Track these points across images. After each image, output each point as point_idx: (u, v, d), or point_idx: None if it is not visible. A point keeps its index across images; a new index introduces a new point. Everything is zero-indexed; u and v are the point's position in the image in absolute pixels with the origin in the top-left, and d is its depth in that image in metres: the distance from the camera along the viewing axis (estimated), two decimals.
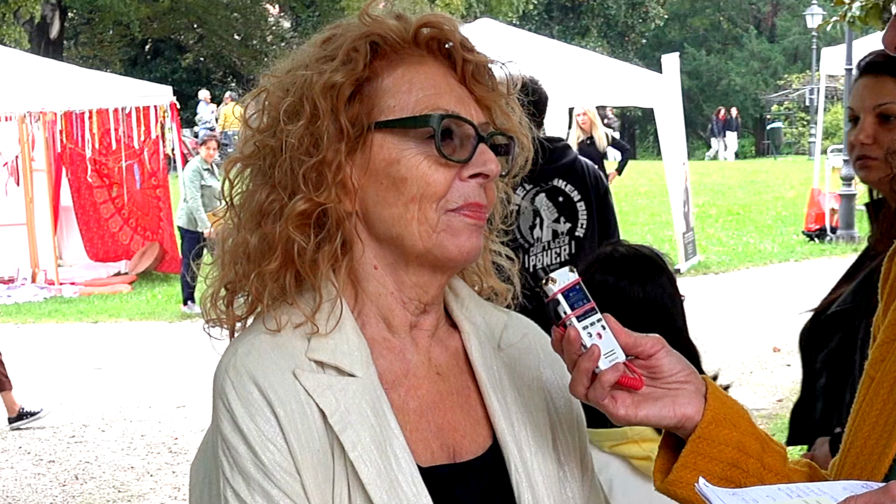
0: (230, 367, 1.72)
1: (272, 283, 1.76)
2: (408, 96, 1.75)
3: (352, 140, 1.74)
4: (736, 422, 1.73)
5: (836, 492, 1.48)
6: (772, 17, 58.20)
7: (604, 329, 1.67)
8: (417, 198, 1.72)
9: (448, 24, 1.80)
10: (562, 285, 1.67)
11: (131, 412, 10.43)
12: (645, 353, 1.70)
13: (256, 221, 1.77)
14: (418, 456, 1.73)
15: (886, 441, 1.64)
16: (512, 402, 1.84)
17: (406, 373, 1.80)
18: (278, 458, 1.67)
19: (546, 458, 1.84)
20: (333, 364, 1.72)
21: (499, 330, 1.91)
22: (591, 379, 1.66)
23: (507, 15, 36.73)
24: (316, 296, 1.75)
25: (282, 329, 1.74)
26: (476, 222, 1.76)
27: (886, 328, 1.74)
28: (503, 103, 1.84)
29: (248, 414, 1.68)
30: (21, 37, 31.79)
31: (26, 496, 8.46)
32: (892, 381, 1.67)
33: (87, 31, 44.83)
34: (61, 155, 17.57)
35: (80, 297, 16.70)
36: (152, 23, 42.99)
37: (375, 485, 1.66)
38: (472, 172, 1.75)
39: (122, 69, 40.00)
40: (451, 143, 1.74)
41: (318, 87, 1.72)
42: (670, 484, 1.72)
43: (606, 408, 1.68)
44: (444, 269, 1.79)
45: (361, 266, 1.79)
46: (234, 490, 1.68)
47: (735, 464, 1.69)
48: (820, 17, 33.87)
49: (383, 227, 1.76)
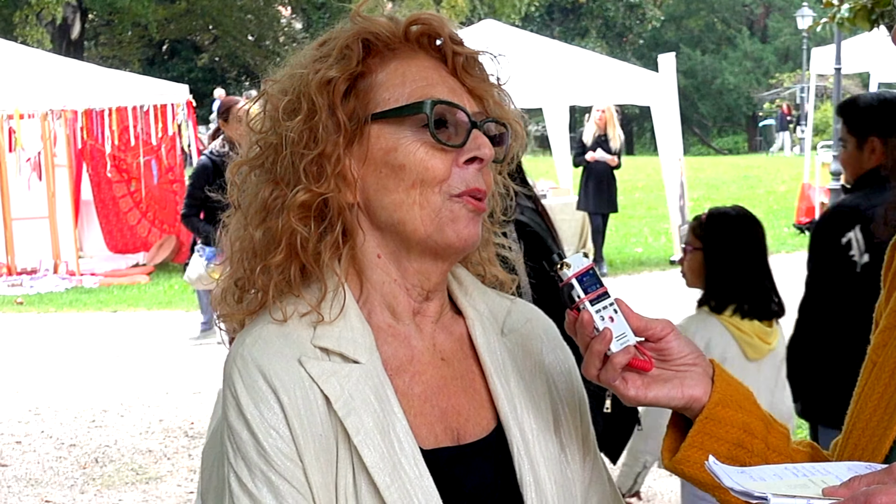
0: (237, 357, 1.72)
1: (277, 276, 1.76)
2: (401, 88, 1.75)
3: (349, 133, 1.75)
4: (742, 403, 1.73)
5: (841, 472, 1.47)
6: (764, 19, 58.16)
7: (615, 313, 1.67)
8: (418, 183, 1.72)
9: (437, 20, 1.81)
10: (576, 270, 1.67)
11: (149, 398, 10.43)
12: (655, 336, 1.70)
13: (261, 217, 1.76)
14: (422, 439, 1.73)
15: (887, 424, 1.63)
16: (515, 386, 1.83)
17: (411, 359, 1.80)
18: (280, 445, 1.66)
19: (548, 440, 1.83)
20: (338, 351, 1.72)
21: (502, 316, 1.90)
22: (602, 361, 1.66)
23: (509, 17, 36.66)
24: (321, 286, 1.75)
25: (288, 319, 1.73)
26: (476, 211, 1.76)
27: (889, 315, 1.74)
28: (495, 93, 1.85)
29: (253, 402, 1.68)
30: (43, 37, 31.80)
31: (48, 478, 8.46)
32: (893, 366, 1.67)
33: (106, 31, 44.84)
34: (82, 151, 17.59)
35: (99, 288, 16.71)
36: (169, 24, 42.99)
37: (378, 468, 1.66)
38: (468, 157, 1.75)
39: (140, 69, 40.04)
40: (445, 130, 1.74)
41: (315, 84, 1.73)
42: (678, 462, 1.72)
43: (617, 389, 1.68)
44: (445, 256, 1.79)
45: (365, 255, 1.78)
46: (238, 475, 1.68)
47: (740, 444, 1.69)
48: (810, 18, 33.82)
49: (385, 214, 1.75)
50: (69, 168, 17.56)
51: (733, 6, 57.38)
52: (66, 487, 8.24)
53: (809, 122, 24.53)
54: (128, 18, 39.31)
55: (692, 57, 52.88)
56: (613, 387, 1.68)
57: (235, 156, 1.86)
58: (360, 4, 1.82)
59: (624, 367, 1.66)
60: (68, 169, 17.55)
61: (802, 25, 37.59)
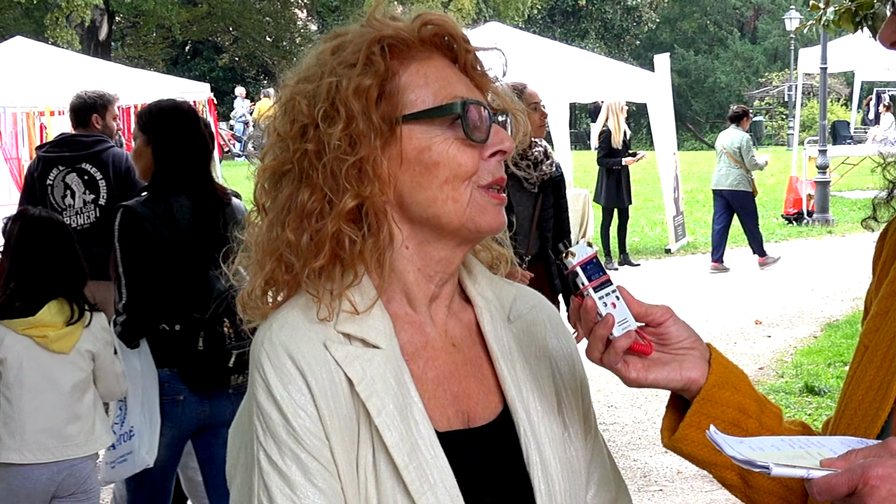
0: (266, 341, 1.72)
1: (323, 278, 1.74)
2: (426, 89, 1.76)
3: (384, 135, 1.74)
4: (737, 385, 1.74)
5: (835, 445, 1.47)
6: (754, 21, 58.01)
7: (618, 299, 1.67)
8: (451, 179, 1.73)
9: (448, 21, 1.82)
10: (580, 258, 1.68)
11: None
12: (655, 322, 1.71)
13: (297, 221, 1.74)
14: (435, 422, 1.73)
15: (879, 404, 1.63)
16: (521, 370, 1.84)
17: (425, 345, 1.80)
18: (308, 425, 1.66)
19: (552, 421, 1.84)
20: (360, 336, 1.72)
21: (508, 303, 1.91)
22: (605, 345, 1.67)
23: (513, 19, 36.60)
24: (351, 274, 1.74)
25: (332, 315, 1.73)
26: (500, 202, 1.78)
27: (879, 302, 1.74)
28: (497, 87, 1.87)
29: (282, 383, 1.67)
30: (73, 39, 31.79)
31: None
32: (885, 350, 1.67)
33: (132, 33, 44.81)
34: None
35: None
36: (192, 26, 42.97)
37: (398, 448, 1.66)
38: (493, 151, 1.76)
39: (164, 68, 40.05)
40: (471, 126, 1.74)
41: (350, 92, 1.72)
42: (676, 441, 1.73)
43: (619, 371, 1.68)
44: (470, 241, 1.81)
45: (394, 247, 1.78)
46: (267, 453, 1.67)
47: (736, 423, 1.70)
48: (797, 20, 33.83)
49: (418, 209, 1.76)
50: None
51: (725, 9, 57.22)
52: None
53: (797, 118, 24.52)
54: (152, 20, 39.27)
55: (686, 57, 52.73)
56: (616, 369, 1.68)
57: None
58: (374, 8, 1.81)
59: (625, 351, 1.67)
60: None
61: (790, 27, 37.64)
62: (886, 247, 1.81)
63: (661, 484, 7.40)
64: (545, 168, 7.01)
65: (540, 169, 6.99)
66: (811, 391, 9.29)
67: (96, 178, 7.68)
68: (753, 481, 1.76)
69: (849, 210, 21.67)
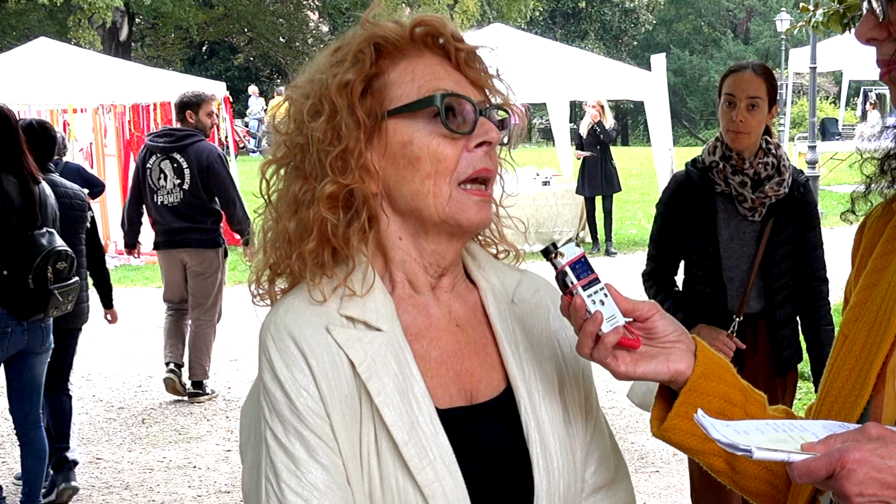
0: (272, 325, 1.74)
1: (311, 261, 1.77)
2: (412, 84, 1.76)
3: (368, 129, 1.76)
4: (722, 376, 1.74)
5: (817, 429, 1.48)
6: (746, 23, 57.86)
7: (605, 297, 1.68)
8: (432, 174, 1.73)
9: (438, 21, 1.81)
10: (569, 258, 1.69)
11: None
12: (642, 317, 1.71)
13: (293, 210, 1.78)
14: (438, 399, 1.74)
15: (859, 392, 1.63)
16: (524, 351, 1.85)
17: (429, 326, 1.81)
18: (310, 404, 1.68)
19: (552, 401, 1.84)
20: (362, 319, 1.73)
21: (512, 286, 1.92)
22: (595, 340, 1.67)
23: (516, 20, 36.51)
24: (350, 263, 1.76)
25: (326, 298, 1.75)
26: (482, 199, 1.77)
27: (858, 293, 1.74)
28: (495, 83, 1.86)
29: (286, 365, 1.70)
30: (94, 39, 31.82)
31: (99, 437, 8.50)
32: (863, 340, 1.66)
33: (151, 34, 44.79)
34: (129, 142, 17.56)
35: (146, 265, 16.70)
36: (208, 27, 42.96)
37: (397, 426, 1.67)
38: (477, 142, 1.76)
39: (181, 67, 40.06)
40: (454, 119, 1.75)
41: (334, 87, 1.74)
42: (665, 430, 1.74)
43: (609, 365, 1.68)
44: (459, 236, 1.81)
45: (388, 238, 1.80)
46: (273, 431, 1.70)
47: (721, 412, 1.70)
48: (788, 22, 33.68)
49: (403, 201, 1.76)
50: (118, 157, 17.55)
51: (718, 11, 57.09)
52: (115, 446, 8.27)
53: (787, 116, 24.47)
54: (171, 22, 39.26)
55: (681, 57, 52.63)
56: (605, 364, 1.68)
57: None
58: (369, 11, 1.82)
59: (614, 346, 1.67)
60: (117, 158, 17.54)
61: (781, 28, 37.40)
62: (864, 239, 1.81)
63: (658, 465, 7.42)
64: (775, 186, 4.76)
65: (762, 190, 4.72)
66: (799, 376, 9.25)
67: (182, 167, 8.94)
68: (740, 467, 1.77)
69: (837, 203, 21.63)
